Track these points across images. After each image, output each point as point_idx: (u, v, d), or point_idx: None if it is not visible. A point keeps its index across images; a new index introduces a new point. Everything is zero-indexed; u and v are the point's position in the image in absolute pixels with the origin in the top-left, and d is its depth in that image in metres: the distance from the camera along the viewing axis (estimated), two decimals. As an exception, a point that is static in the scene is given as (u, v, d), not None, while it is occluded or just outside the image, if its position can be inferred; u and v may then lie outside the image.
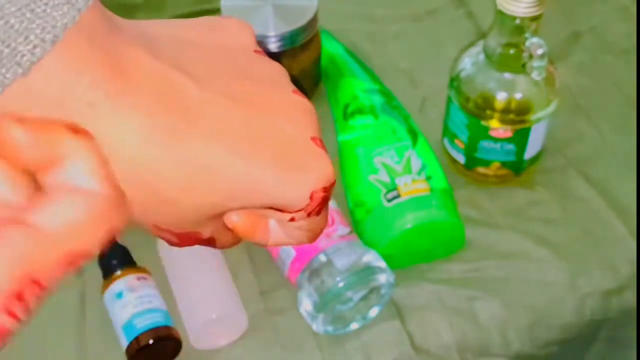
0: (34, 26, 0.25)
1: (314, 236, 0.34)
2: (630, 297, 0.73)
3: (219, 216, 0.31)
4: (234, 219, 0.32)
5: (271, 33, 0.79)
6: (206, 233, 0.32)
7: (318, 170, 0.31)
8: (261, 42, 0.79)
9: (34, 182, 0.27)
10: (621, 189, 0.79)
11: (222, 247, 0.34)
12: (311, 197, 0.31)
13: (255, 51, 0.34)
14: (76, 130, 0.26)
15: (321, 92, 0.87)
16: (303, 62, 0.82)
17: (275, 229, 0.34)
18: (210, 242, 0.33)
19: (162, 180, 0.28)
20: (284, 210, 0.31)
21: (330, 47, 0.87)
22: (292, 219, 0.32)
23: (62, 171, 0.26)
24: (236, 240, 0.35)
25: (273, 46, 0.79)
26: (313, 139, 0.32)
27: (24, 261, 0.24)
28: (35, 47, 0.25)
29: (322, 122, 0.87)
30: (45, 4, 0.25)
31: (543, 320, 0.71)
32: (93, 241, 0.26)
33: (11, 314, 0.24)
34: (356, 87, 0.82)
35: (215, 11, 0.83)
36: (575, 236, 0.76)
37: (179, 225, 0.31)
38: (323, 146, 0.32)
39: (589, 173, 0.80)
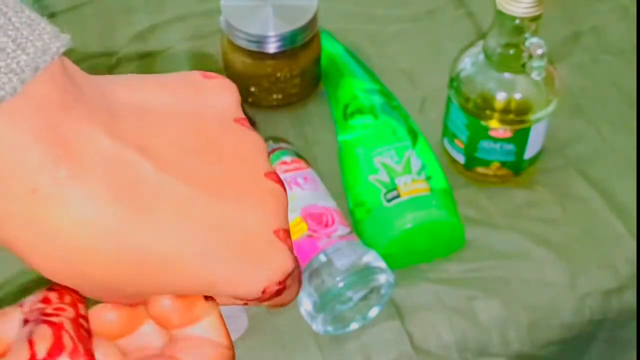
0: None
1: (284, 305, 0.34)
2: (630, 297, 0.73)
3: None
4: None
5: (271, 33, 0.79)
6: None
7: (274, 266, 0.30)
8: (261, 42, 0.79)
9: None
10: (621, 189, 0.79)
11: None
12: (264, 292, 0.30)
13: (236, 120, 0.31)
14: (208, 297, 0.30)
15: (321, 92, 0.87)
16: (303, 62, 0.82)
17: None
18: None
19: (107, 273, 0.27)
20: (238, 298, 0.31)
21: (330, 47, 0.87)
22: (245, 304, 0.31)
23: (197, 327, 0.30)
24: None
25: (273, 46, 0.79)
26: (276, 231, 0.30)
27: None
28: None
29: (322, 122, 0.86)
30: None
31: (543, 320, 0.71)
32: None
33: None
34: (356, 87, 0.82)
35: (216, 11, 0.83)
36: (575, 236, 0.76)
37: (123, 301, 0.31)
38: (286, 238, 0.31)
39: (589, 173, 0.80)
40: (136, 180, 0.26)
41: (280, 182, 0.32)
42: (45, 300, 0.27)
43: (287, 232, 0.31)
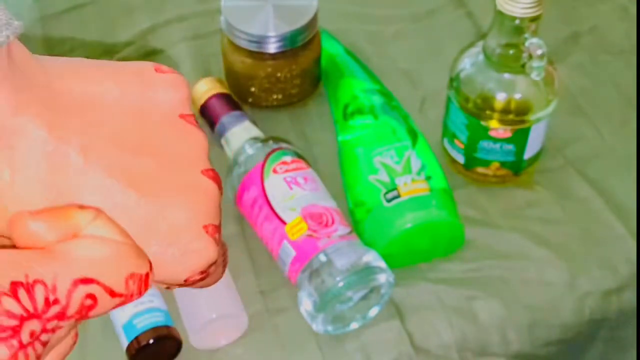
0: None
1: (209, 285, 0.35)
2: (630, 297, 0.73)
3: None
4: None
5: (271, 33, 0.79)
6: None
7: (198, 259, 0.31)
8: (261, 43, 0.79)
9: None
10: (620, 189, 0.79)
11: None
12: (186, 280, 0.32)
13: (182, 116, 0.32)
14: (82, 206, 0.28)
15: (321, 92, 0.87)
16: (303, 62, 0.82)
17: None
18: None
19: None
20: (160, 282, 0.32)
21: (330, 48, 0.87)
22: (168, 288, 0.33)
23: (84, 233, 0.28)
24: None
25: (273, 46, 0.80)
26: (206, 227, 0.31)
27: (31, 266, 0.26)
28: None
29: (322, 122, 0.86)
30: None
31: (542, 320, 0.71)
32: (117, 281, 0.28)
33: (16, 299, 0.25)
34: (356, 87, 0.82)
35: (216, 11, 0.83)
36: (574, 236, 0.76)
37: None
38: (214, 232, 0.32)
39: (588, 173, 0.80)
40: (62, 171, 0.28)
41: (215, 179, 0.33)
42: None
43: (217, 227, 0.32)
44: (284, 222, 0.69)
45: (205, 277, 0.32)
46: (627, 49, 0.91)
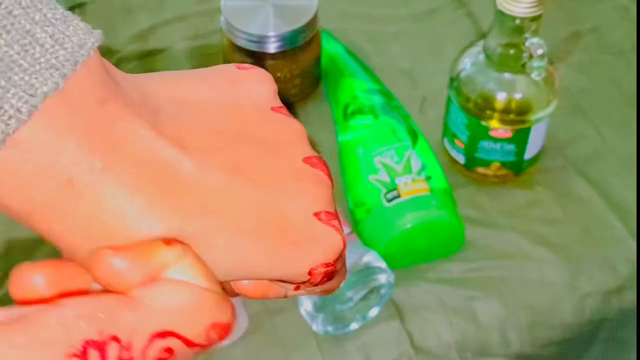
0: (9, 95, 0.23)
1: (329, 292, 0.33)
2: (630, 297, 0.73)
3: None
4: (243, 285, 0.30)
5: (271, 33, 0.79)
6: None
7: (318, 248, 0.30)
8: (261, 42, 0.79)
9: None
10: (621, 189, 0.79)
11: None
12: (310, 274, 0.30)
13: (273, 108, 0.32)
14: (169, 241, 0.26)
15: (321, 92, 0.87)
16: (303, 62, 0.82)
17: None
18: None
19: None
20: (286, 282, 0.30)
21: (330, 47, 0.87)
22: (296, 288, 0.31)
23: (167, 274, 0.26)
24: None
25: (273, 46, 0.79)
26: (317, 214, 0.30)
27: (108, 320, 0.24)
28: (10, 117, 0.23)
29: (322, 122, 0.86)
30: (25, 70, 0.24)
31: (543, 320, 0.71)
32: (197, 332, 0.26)
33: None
34: (356, 87, 0.82)
35: (216, 11, 0.83)
36: (575, 236, 0.76)
37: None
38: (331, 219, 0.30)
39: (589, 173, 0.80)
40: (173, 174, 0.27)
41: (321, 165, 0.32)
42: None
43: (331, 214, 0.31)
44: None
45: (332, 272, 0.30)
46: (628, 49, 0.91)
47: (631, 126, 0.84)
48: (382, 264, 0.67)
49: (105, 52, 0.92)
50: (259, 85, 0.32)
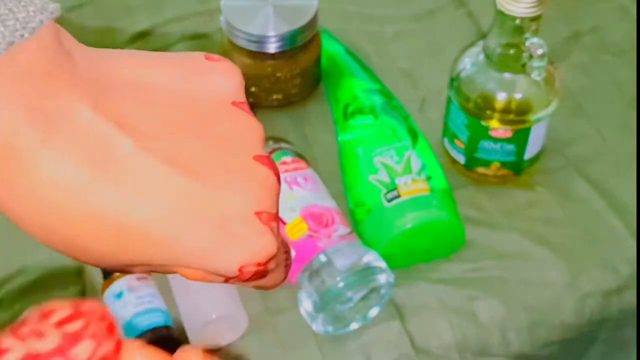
0: None
1: (265, 289, 0.33)
2: (630, 297, 0.73)
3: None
4: (180, 268, 0.31)
5: (271, 33, 0.79)
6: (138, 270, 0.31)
7: (252, 247, 0.30)
8: (261, 42, 0.79)
9: None
10: (621, 189, 0.79)
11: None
12: (240, 271, 0.30)
13: (234, 103, 0.32)
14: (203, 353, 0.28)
15: (321, 92, 0.87)
16: (303, 62, 0.82)
17: None
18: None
19: (77, 235, 0.28)
20: (217, 274, 0.31)
21: (330, 47, 0.87)
22: (226, 281, 0.31)
23: None
24: None
25: (273, 46, 0.79)
26: (258, 213, 0.30)
27: None
28: None
29: (322, 122, 0.86)
30: None
31: (543, 320, 0.71)
32: None
33: None
34: (356, 87, 0.82)
35: (216, 11, 0.83)
36: (575, 236, 0.76)
37: (100, 264, 0.30)
38: (269, 220, 0.30)
39: (589, 173, 0.80)
40: (110, 152, 0.27)
41: (271, 165, 0.31)
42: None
43: (272, 215, 0.31)
44: (283, 223, 0.69)
45: (263, 272, 0.31)
46: (628, 49, 0.91)
47: (631, 126, 0.84)
48: (382, 264, 0.67)
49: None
50: (224, 78, 0.32)
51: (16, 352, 0.24)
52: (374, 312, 0.70)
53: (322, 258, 0.67)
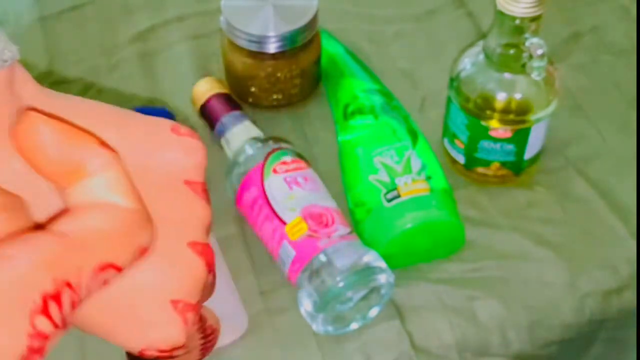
0: None
1: None
2: (630, 297, 0.73)
3: None
4: None
5: (271, 33, 0.79)
6: None
7: (158, 334, 0.29)
8: (261, 42, 0.79)
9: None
10: (621, 189, 0.79)
11: None
12: (141, 353, 0.30)
13: (188, 182, 0.30)
14: (104, 143, 0.26)
15: (321, 92, 0.87)
16: (303, 62, 0.82)
17: None
18: None
19: None
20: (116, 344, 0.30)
21: (330, 47, 0.87)
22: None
23: (87, 184, 0.26)
24: None
25: (273, 46, 0.80)
26: (175, 302, 0.29)
27: (58, 266, 0.23)
28: None
29: (322, 122, 0.86)
30: None
31: (543, 320, 0.71)
32: (126, 259, 0.26)
33: (48, 316, 0.23)
34: (356, 87, 0.82)
35: (216, 11, 0.83)
36: (575, 236, 0.76)
37: None
38: (186, 311, 0.29)
39: (589, 173, 0.80)
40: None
41: (204, 254, 0.30)
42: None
43: (190, 306, 0.30)
44: (284, 222, 0.69)
45: (168, 356, 0.30)
46: (628, 49, 0.91)
47: (631, 126, 0.84)
48: (382, 264, 0.67)
49: (106, 52, 0.93)
50: (183, 155, 0.31)
51: None
52: (374, 312, 0.70)
53: (322, 258, 0.67)
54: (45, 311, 0.23)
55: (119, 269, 0.26)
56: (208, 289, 0.32)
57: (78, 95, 0.30)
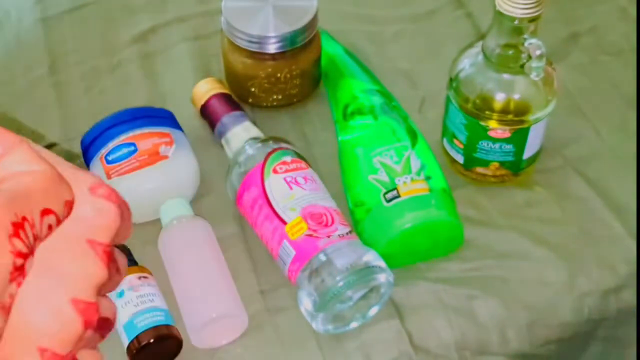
0: None
1: None
2: (628, 296, 0.73)
3: None
4: None
5: (271, 34, 0.79)
6: None
7: None
8: (261, 43, 0.80)
9: None
10: (619, 189, 0.79)
11: None
12: None
13: (90, 241, 0.31)
14: (5, 130, 0.30)
15: (321, 92, 0.87)
16: (303, 62, 0.83)
17: None
18: None
19: None
20: None
21: (330, 48, 0.87)
22: None
23: (3, 163, 0.29)
24: None
25: (273, 47, 0.80)
26: (42, 349, 0.30)
27: (15, 205, 0.28)
28: None
29: (322, 122, 0.86)
30: None
31: (541, 319, 0.71)
32: (56, 204, 0.29)
33: (20, 239, 0.28)
34: (356, 88, 0.82)
35: (216, 12, 0.83)
36: (573, 236, 0.76)
37: None
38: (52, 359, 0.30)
39: (587, 173, 0.80)
40: None
41: (85, 314, 0.31)
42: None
43: (58, 357, 0.30)
44: (284, 222, 0.70)
45: None
46: (626, 49, 0.91)
47: (629, 126, 0.84)
48: (382, 264, 0.68)
49: (107, 53, 0.93)
50: (93, 215, 0.31)
51: None
52: (373, 311, 0.70)
53: (322, 257, 0.67)
54: (17, 234, 0.27)
55: (57, 218, 0.29)
56: (90, 340, 0.33)
57: (78, 96, 0.32)
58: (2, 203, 0.28)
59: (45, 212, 0.29)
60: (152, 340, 0.66)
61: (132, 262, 0.72)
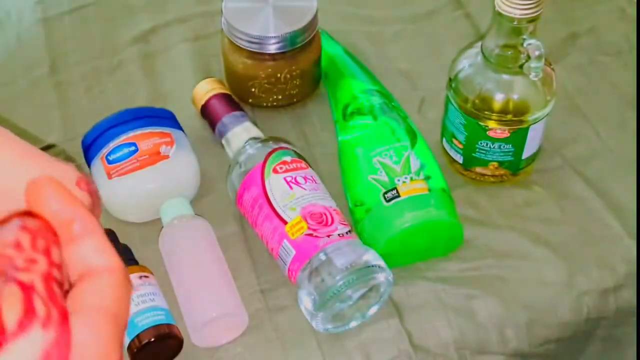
0: None
1: None
2: (627, 296, 0.74)
3: None
4: None
5: (271, 34, 0.79)
6: None
7: None
8: (261, 43, 0.80)
9: None
10: (618, 189, 0.79)
11: None
12: None
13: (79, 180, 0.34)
14: (85, 209, 0.31)
15: (321, 92, 0.88)
16: (303, 63, 0.83)
17: None
18: None
19: None
20: None
21: (329, 48, 0.87)
22: None
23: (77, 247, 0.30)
24: None
25: (273, 47, 0.80)
26: None
27: None
28: None
29: (322, 122, 0.86)
30: None
31: (541, 318, 0.72)
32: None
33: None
34: (355, 88, 0.82)
35: (217, 12, 0.84)
36: (572, 235, 0.76)
37: None
38: None
39: (586, 173, 0.81)
40: None
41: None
42: (17, 246, 0.28)
43: None
44: (284, 222, 0.70)
45: None
46: (625, 50, 0.91)
47: (628, 126, 0.84)
48: (382, 263, 0.68)
49: (107, 53, 0.93)
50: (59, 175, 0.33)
51: None
52: (373, 310, 0.70)
53: (322, 257, 0.67)
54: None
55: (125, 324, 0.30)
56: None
57: (78, 96, 0.33)
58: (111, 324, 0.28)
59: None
60: (152, 339, 0.67)
61: (132, 261, 0.73)
